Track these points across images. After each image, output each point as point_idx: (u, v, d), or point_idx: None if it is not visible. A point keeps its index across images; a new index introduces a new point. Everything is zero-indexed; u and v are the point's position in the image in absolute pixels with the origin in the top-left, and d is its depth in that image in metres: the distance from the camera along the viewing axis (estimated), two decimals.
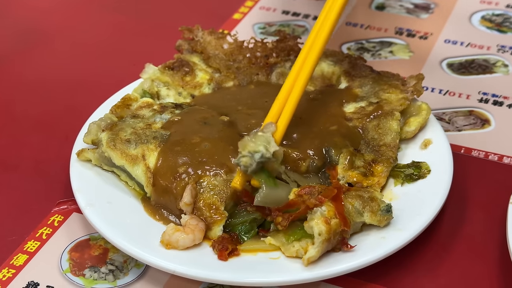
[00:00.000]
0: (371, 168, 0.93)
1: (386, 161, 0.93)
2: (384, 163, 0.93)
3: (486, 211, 0.94)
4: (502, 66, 1.21)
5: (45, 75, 1.23)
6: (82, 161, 0.96)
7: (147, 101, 1.02)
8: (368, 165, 0.93)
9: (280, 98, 0.92)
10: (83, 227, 0.93)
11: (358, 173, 0.92)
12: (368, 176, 0.92)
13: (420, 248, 0.89)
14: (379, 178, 0.92)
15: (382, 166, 0.93)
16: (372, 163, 0.93)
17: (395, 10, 1.37)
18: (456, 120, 1.10)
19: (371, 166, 0.93)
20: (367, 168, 0.92)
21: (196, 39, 1.13)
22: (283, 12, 1.37)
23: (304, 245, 0.83)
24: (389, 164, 0.93)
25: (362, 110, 1.00)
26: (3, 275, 0.87)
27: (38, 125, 1.12)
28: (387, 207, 0.86)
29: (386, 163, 0.93)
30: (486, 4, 1.38)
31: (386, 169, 0.93)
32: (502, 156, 1.03)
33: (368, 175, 0.92)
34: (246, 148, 0.85)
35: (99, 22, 1.37)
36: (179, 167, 0.90)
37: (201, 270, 0.82)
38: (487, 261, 0.88)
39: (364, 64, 1.08)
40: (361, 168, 0.92)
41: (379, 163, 0.93)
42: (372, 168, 0.93)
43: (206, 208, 0.87)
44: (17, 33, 1.35)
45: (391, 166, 0.94)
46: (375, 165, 0.93)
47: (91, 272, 0.88)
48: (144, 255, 0.83)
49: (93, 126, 0.97)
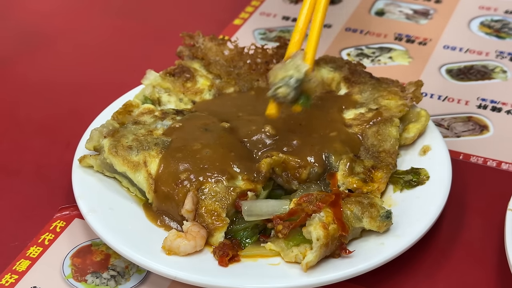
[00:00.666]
0: (371, 174, 0.93)
1: (386, 167, 0.94)
2: (383, 169, 0.94)
3: (484, 217, 0.95)
4: (501, 72, 1.22)
5: (47, 78, 1.24)
6: (84, 167, 0.97)
7: (149, 108, 1.03)
8: (368, 171, 0.94)
9: (300, 26, 0.93)
10: (85, 233, 0.94)
11: (358, 179, 0.92)
12: (368, 182, 0.93)
13: (419, 254, 0.89)
14: (379, 184, 0.93)
15: (381, 172, 0.94)
16: (372, 169, 0.94)
17: (395, 16, 1.38)
18: (455, 126, 1.11)
19: (371, 172, 0.94)
20: (367, 174, 0.93)
21: (197, 45, 1.14)
22: (283, 18, 1.38)
23: (302, 250, 0.84)
24: (388, 170, 0.94)
25: (361, 117, 1.01)
26: (5, 281, 0.88)
27: (40, 129, 1.13)
28: (386, 213, 0.87)
29: (386, 169, 0.94)
30: (485, 10, 1.39)
31: (386, 175, 0.94)
32: (501, 162, 1.04)
33: (368, 181, 0.93)
34: (277, 76, 0.83)
35: (100, 27, 1.38)
36: (181, 173, 0.91)
37: (202, 276, 0.83)
38: (486, 266, 0.89)
39: (363, 71, 1.09)
40: (361, 174, 0.93)
41: (378, 169, 0.94)
42: (372, 174, 0.94)
43: (208, 215, 0.88)
44: (20, 36, 1.35)
45: (391, 172, 0.94)
46: (374, 171, 0.94)
47: (93, 277, 0.88)
48: (145, 261, 0.84)
49: (95, 133, 0.97)
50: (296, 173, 0.92)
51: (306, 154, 0.93)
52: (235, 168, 0.91)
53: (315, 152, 0.94)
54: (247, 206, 0.87)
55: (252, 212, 0.87)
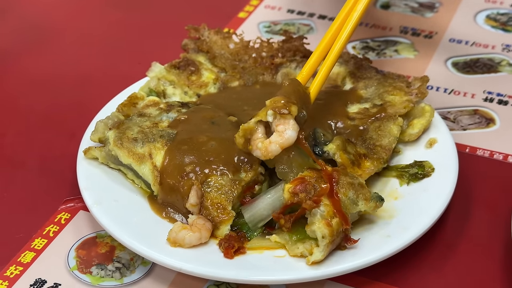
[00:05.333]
0: (360, 160, 0.93)
1: (377, 160, 0.93)
2: (374, 161, 0.93)
3: (490, 210, 0.95)
4: (507, 65, 1.22)
5: (52, 71, 1.24)
6: (89, 159, 0.96)
7: (154, 100, 1.03)
8: (358, 156, 0.93)
9: (313, 57, 0.95)
10: (90, 225, 0.94)
11: (347, 157, 0.91)
12: (354, 165, 0.91)
13: (425, 247, 0.89)
14: (363, 172, 0.92)
15: (370, 163, 0.93)
16: (362, 156, 0.93)
17: (400, 9, 1.38)
18: (461, 119, 1.11)
19: (361, 159, 0.93)
20: (356, 158, 0.92)
21: (202, 39, 1.14)
22: (288, 11, 1.38)
23: (308, 247, 0.84)
24: (379, 163, 0.93)
25: (365, 111, 1.00)
26: (10, 272, 0.88)
27: (45, 121, 1.13)
28: (376, 194, 0.87)
29: (376, 162, 0.93)
30: (491, 3, 1.38)
31: (374, 167, 0.93)
32: (507, 155, 1.04)
33: (355, 165, 0.91)
34: None
35: (105, 19, 1.37)
36: (186, 166, 0.90)
37: (207, 268, 0.83)
38: (492, 259, 0.88)
39: (369, 65, 1.08)
40: (351, 156, 0.92)
41: (369, 159, 0.93)
42: (361, 160, 0.93)
43: (213, 208, 0.87)
44: (24, 29, 1.35)
45: (380, 167, 0.94)
46: (364, 159, 0.93)
47: (98, 269, 0.88)
48: (150, 252, 0.84)
49: (100, 125, 0.97)
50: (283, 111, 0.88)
51: None
52: (239, 161, 0.90)
53: None
54: (249, 215, 0.87)
55: (254, 220, 0.87)
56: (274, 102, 0.87)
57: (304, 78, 0.94)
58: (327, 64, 0.95)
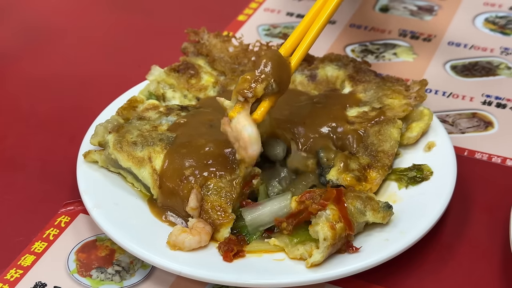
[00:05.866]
0: (366, 173, 0.93)
1: (382, 168, 0.94)
2: (379, 170, 0.93)
3: (489, 213, 0.95)
4: (506, 69, 1.22)
5: (52, 73, 1.24)
6: (89, 162, 0.97)
7: (153, 103, 1.03)
8: (362, 169, 0.93)
9: (297, 31, 0.95)
10: (90, 228, 0.94)
11: (352, 176, 0.92)
12: (361, 181, 0.92)
13: (424, 250, 0.89)
14: (371, 185, 0.92)
15: (376, 173, 0.93)
16: (367, 167, 0.94)
17: (399, 12, 1.38)
18: (459, 122, 1.11)
19: (366, 171, 0.93)
20: (361, 172, 0.93)
21: (202, 42, 1.14)
22: (287, 14, 1.38)
23: (308, 249, 0.84)
24: (383, 171, 0.93)
25: (364, 115, 1.00)
26: (10, 276, 0.88)
27: (45, 124, 1.13)
28: (386, 204, 0.87)
29: (381, 170, 0.93)
30: (490, 6, 1.38)
31: (380, 176, 0.93)
32: (506, 159, 1.04)
33: (361, 180, 0.92)
34: None
35: (105, 22, 1.38)
36: (186, 169, 0.91)
37: (207, 271, 0.83)
38: (491, 262, 0.89)
39: (368, 69, 1.09)
40: (356, 172, 0.92)
41: (373, 168, 0.94)
42: (367, 173, 0.93)
43: (213, 211, 0.88)
44: (25, 32, 1.35)
45: (385, 174, 0.94)
46: (369, 170, 0.93)
47: (98, 272, 0.88)
48: (150, 256, 0.84)
49: (99, 128, 0.97)
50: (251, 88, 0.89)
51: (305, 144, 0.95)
52: (234, 159, 0.91)
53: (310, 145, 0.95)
54: (250, 217, 0.87)
55: (255, 224, 0.88)
56: (241, 83, 0.88)
57: (287, 50, 0.94)
58: (312, 35, 0.95)
